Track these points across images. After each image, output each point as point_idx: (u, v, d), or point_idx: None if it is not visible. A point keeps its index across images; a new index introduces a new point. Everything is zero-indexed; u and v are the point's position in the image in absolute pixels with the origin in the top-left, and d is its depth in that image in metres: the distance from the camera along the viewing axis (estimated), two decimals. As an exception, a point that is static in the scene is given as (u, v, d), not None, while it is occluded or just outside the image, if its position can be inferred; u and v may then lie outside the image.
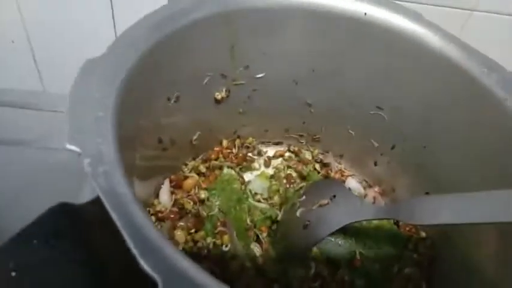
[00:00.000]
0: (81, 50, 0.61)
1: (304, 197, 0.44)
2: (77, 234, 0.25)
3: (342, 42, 0.43)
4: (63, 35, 0.59)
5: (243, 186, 0.49)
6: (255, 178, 0.52)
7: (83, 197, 0.45)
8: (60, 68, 0.62)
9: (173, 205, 0.44)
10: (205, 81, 0.43)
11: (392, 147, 0.47)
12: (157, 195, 0.44)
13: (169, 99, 0.40)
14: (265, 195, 0.49)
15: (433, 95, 0.40)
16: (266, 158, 0.54)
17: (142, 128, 0.35)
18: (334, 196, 0.42)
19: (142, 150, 0.36)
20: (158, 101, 0.38)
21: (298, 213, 0.43)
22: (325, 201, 0.42)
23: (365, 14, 0.40)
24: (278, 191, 0.49)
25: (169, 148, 0.43)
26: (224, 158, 0.51)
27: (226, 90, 0.45)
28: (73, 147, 0.24)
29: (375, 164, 0.51)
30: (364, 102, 0.46)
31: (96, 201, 0.26)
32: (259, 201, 0.48)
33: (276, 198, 0.48)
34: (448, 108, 0.40)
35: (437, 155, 0.43)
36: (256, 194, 0.49)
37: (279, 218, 0.46)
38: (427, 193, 0.43)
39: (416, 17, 0.40)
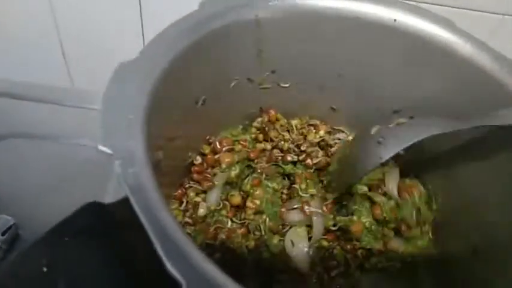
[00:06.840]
0: (109, 46, 0.62)
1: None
2: (106, 232, 0.26)
3: (370, 48, 0.43)
4: (92, 30, 0.61)
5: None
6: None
7: (108, 196, 0.46)
8: (88, 64, 0.64)
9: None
10: (232, 84, 0.43)
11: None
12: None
13: (196, 102, 0.40)
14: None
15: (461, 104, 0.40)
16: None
17: (171, 129, 0.36)
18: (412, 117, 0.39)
19: (168, 150, 0.37)
20: (186, 104, 0.39)
21: (373, 131, 0.41)
22: (403, 120, 0.39)
23: (395, 20, 0.40)
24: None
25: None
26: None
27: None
28: (105, 149, 0.25)
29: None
30: (388, 107, 0.46)
31: (124, 202, 0.27)
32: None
33: None
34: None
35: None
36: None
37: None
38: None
39: (448, 24, 0.39)
